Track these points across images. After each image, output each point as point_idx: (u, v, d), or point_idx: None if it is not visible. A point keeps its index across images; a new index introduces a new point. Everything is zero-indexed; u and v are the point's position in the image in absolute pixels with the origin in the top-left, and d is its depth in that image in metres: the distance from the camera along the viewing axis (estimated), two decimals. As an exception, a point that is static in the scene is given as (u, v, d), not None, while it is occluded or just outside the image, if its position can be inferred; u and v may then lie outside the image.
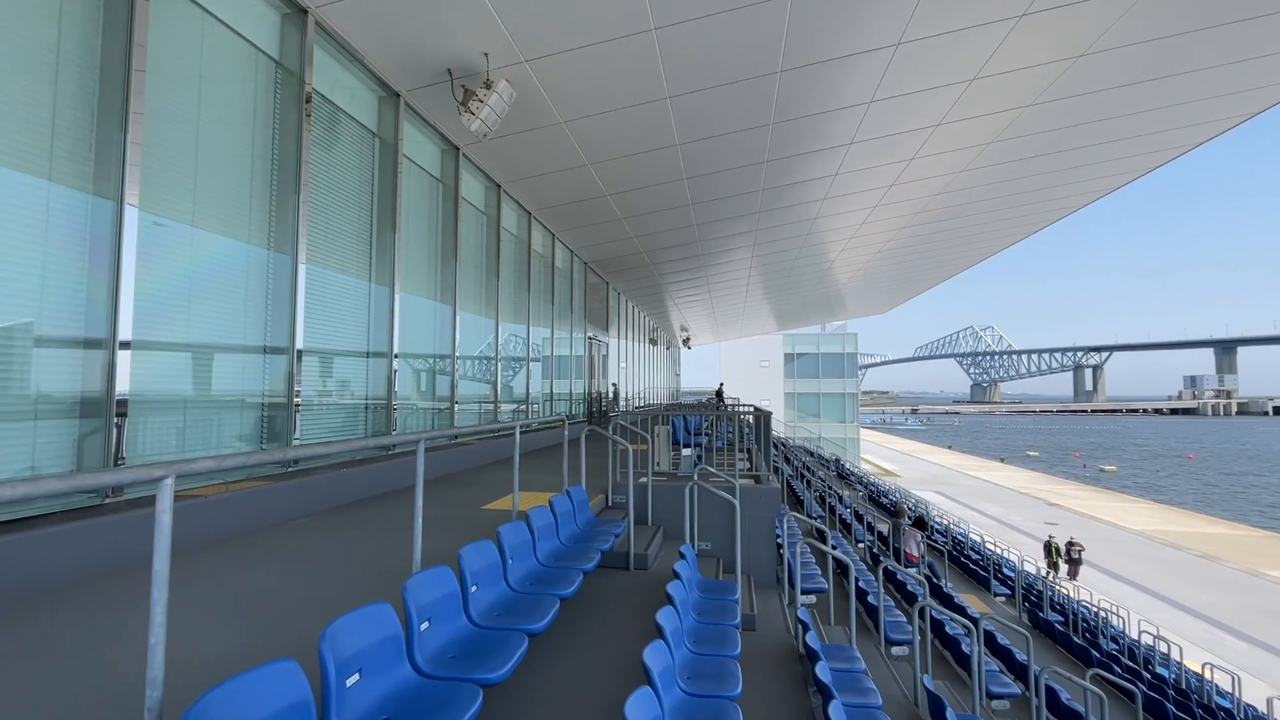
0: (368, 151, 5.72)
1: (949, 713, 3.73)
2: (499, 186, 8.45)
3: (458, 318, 7.28)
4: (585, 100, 6.20)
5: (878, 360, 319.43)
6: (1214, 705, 9.18)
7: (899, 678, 5.05)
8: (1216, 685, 10.33)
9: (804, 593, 6.15)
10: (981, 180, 10.34)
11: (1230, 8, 5.62)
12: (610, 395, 16.09)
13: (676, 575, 3.58)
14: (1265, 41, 6.34)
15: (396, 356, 5.97)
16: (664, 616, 2.79)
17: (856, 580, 6.71)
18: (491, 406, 8.65)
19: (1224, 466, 58.53)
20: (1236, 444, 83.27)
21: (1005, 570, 14.12)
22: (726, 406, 16.87)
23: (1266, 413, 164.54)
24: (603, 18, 4.94)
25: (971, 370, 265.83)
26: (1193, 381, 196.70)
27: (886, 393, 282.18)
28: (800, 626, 4.04)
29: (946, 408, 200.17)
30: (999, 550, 17.20)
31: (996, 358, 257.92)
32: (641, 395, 22.63)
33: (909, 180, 9.88)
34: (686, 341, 33.25)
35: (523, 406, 10.06)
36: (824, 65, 5.96)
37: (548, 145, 7.17)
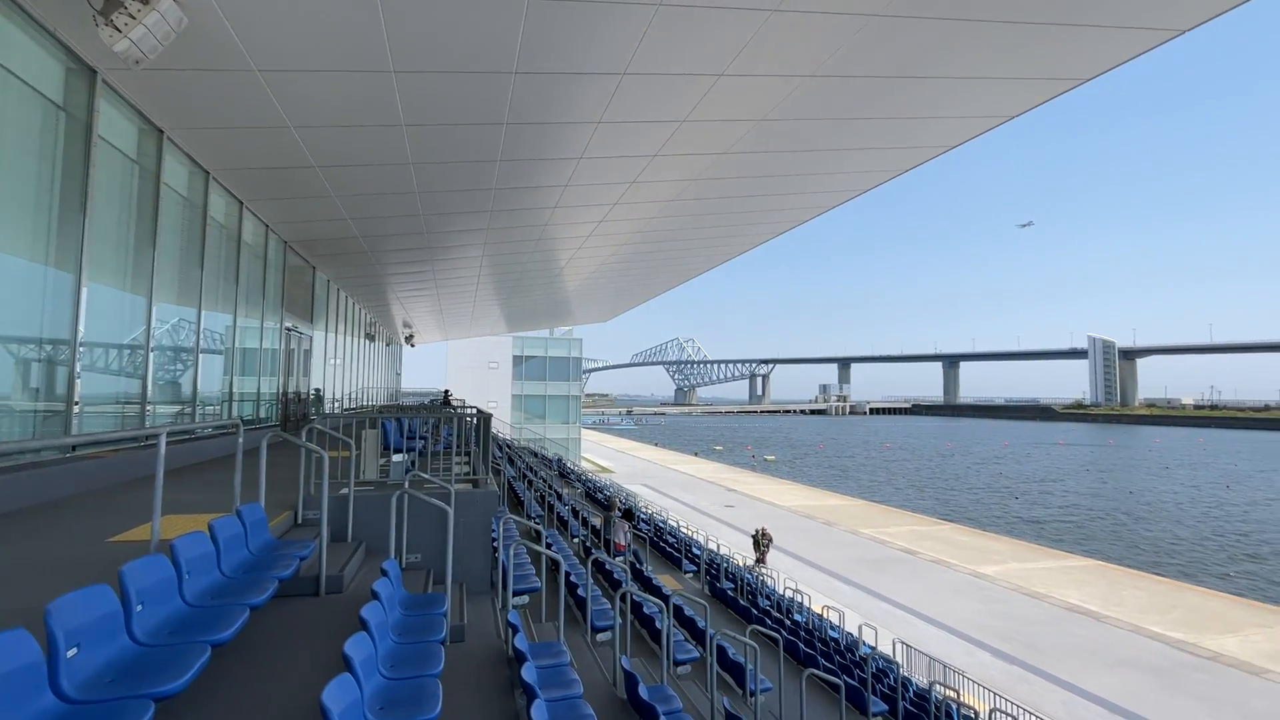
0: (-77, 42, 3.99)
1: (641, 688, 4.11)
2: (161, 132, 6.71)
3: (84, 290, 5.55)
4: (288, 52, 5.30)
5: (600, 365, 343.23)
6: (828, 638, 11.97)
7: (601, 663, 5.40)
8: (830, 621, 13.49)
9: (517, 594, 6.19)
10: (687, 210, 11.85)
11: (862, 106, 7.43)
12: (312, 396, 14.11)
13: (375, 595, 3.24)
14: (876, 138, 8.57)
15: (-33, 338, 4.28)
16: (354, 645, 2.49)
17: (568, 575, 7.01)
18: (139, 408, 6.82)
19: (840, 453, 77.75)
20: (847, 435, 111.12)
21: (694, 550, 16.35)
22: (454, 409, 16.20)
23: (866, 413, 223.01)
24: (313, -39, 4.29)
25: (676, 376, 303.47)
26: (824, 389, 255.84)
27: (606, 395, 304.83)
28: (510, 630, 4.03)
29: (655, 409, 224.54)
30: (690, 532, 19.86)
31: (696, 366, 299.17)
32: (354, 396, 20.38)
33: (630, 201, 10.80)
34: (410, 339, 31.07)
35: (188, 409, 8.17)
36: (558, 76, 6.13)
37: (236, 94, 5.94)
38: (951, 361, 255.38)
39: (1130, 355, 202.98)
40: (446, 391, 24.93)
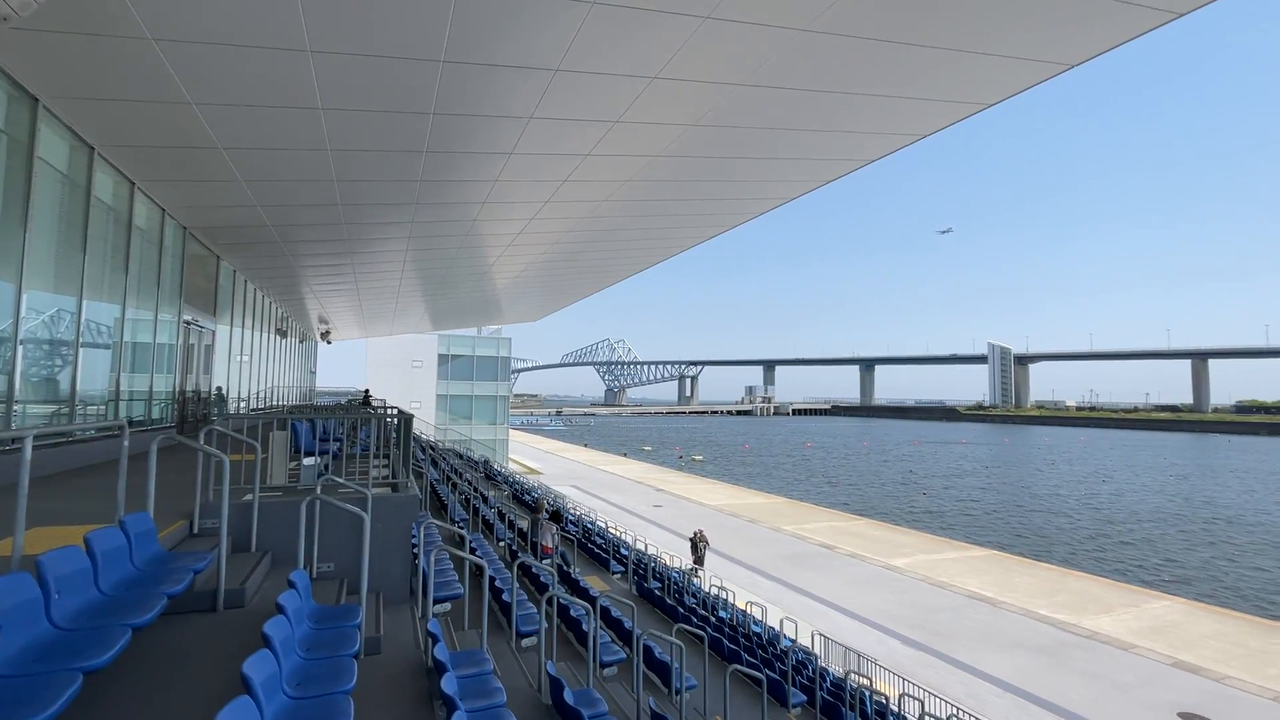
0: None
1: (566, 692, 4.06)
2: (35, 100, 6.03)
3: (-65, 276, 4.90)
4: (189, 21, 4.88)
5: (529, 365, 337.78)
6: (751, 633, 12.29)
7: (526, 669, 5.30)
8: (753, 617, 13.87)
9: (438, 601, 5.97)
10: (619, 211, 11.85)
11: (788, 116, 7.67)
12: (214, 395, 13.09)
13: (280, 609, 3.03)
14: (802, 148, 8.88)
15: None
16: (254, 664, 2.30)
17: (493, 580, 6.84)
18: (4, 408, 6.09)
19: (764, 452, 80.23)
20: (771, 435, 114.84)
21: (622, 550, 16.37)
22: (375, 410, 15.48)
23: (789, 413, 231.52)
24: (218, -75, 3.97)
25: (606, 377, 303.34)
26: (750, 390, 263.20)
27: (536, 395, 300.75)
28: (430, 639, 3.87)
29: (585, 410, 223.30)
30: (618, 533, 19.88)
31: (626, 367, 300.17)
32: (263, 395, 19.08)
33: (562, 200, 10.68)
34: (326, 336, 29.45)
35: (65, 409, 7.38)
36: (489, 68, 5.97)
37: (127, 63, 5.41)
38: (868, 365, 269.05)
39: (1024, 361, 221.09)
40: (366, 391, 23.83)
